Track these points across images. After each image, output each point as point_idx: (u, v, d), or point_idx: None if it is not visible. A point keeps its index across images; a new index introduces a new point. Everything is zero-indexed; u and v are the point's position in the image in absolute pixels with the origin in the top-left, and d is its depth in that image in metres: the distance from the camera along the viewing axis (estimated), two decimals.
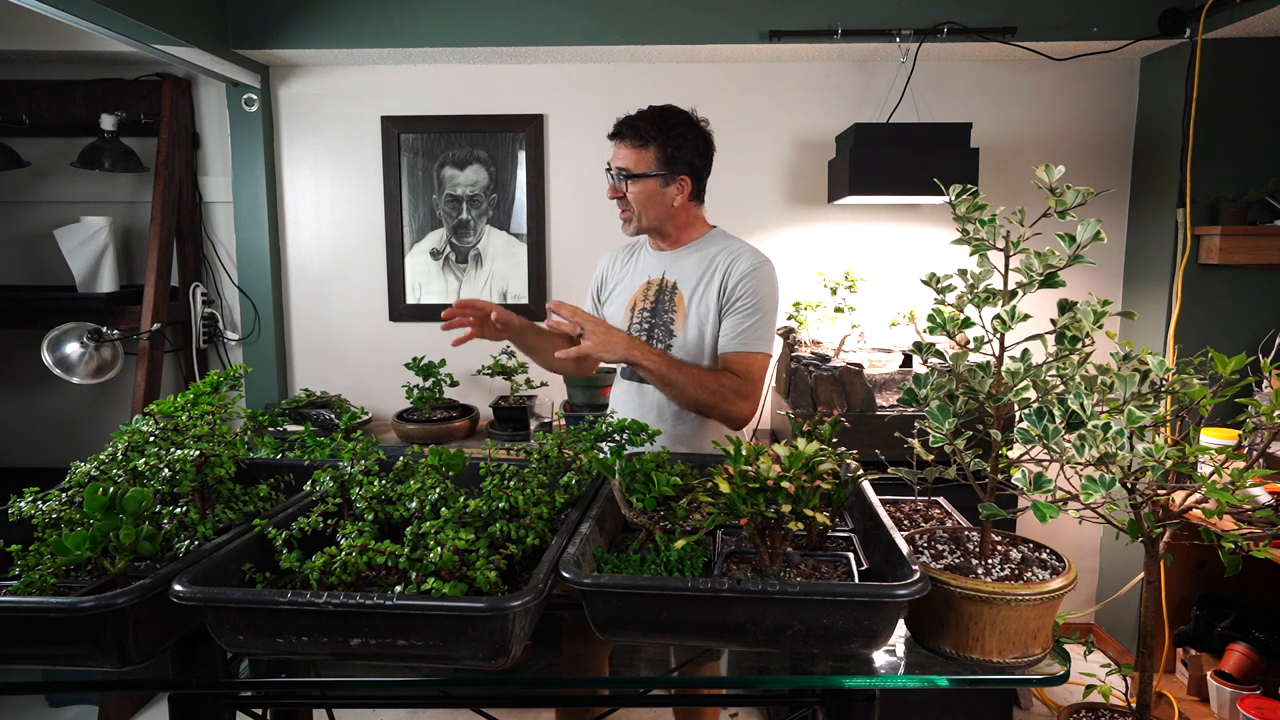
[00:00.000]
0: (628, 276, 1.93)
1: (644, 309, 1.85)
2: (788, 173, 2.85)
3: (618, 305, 1.91)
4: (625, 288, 1.91)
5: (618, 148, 1.80)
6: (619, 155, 1.79)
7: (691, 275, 1.83)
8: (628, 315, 1.87)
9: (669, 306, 1.82)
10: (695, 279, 1.82)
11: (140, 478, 1.15)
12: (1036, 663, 1.04)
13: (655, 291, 1.85)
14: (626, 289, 1.91)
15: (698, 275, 1.82)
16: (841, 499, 1.15)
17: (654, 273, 1.88)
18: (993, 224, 1.08)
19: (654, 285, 1.86)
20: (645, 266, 1.91)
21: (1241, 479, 1.00)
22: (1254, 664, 2.10)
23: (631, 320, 1.85)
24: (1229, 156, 2.52)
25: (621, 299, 1.90)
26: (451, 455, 1.24)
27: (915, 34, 2.52)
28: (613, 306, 1.93)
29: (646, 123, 1.77)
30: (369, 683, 1.42)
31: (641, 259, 1.93)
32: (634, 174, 1.77)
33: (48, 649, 0.94)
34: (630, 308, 1.87)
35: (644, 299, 1.86)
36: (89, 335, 2.59)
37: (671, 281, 1.85)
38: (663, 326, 1.83)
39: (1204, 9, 2.36)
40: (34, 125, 2.75)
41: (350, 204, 2.93)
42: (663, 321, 1.83)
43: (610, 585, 0.96)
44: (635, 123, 1.78)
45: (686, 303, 1.81)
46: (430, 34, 2.60)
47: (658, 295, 1.85)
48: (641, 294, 1.87)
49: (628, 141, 1.78)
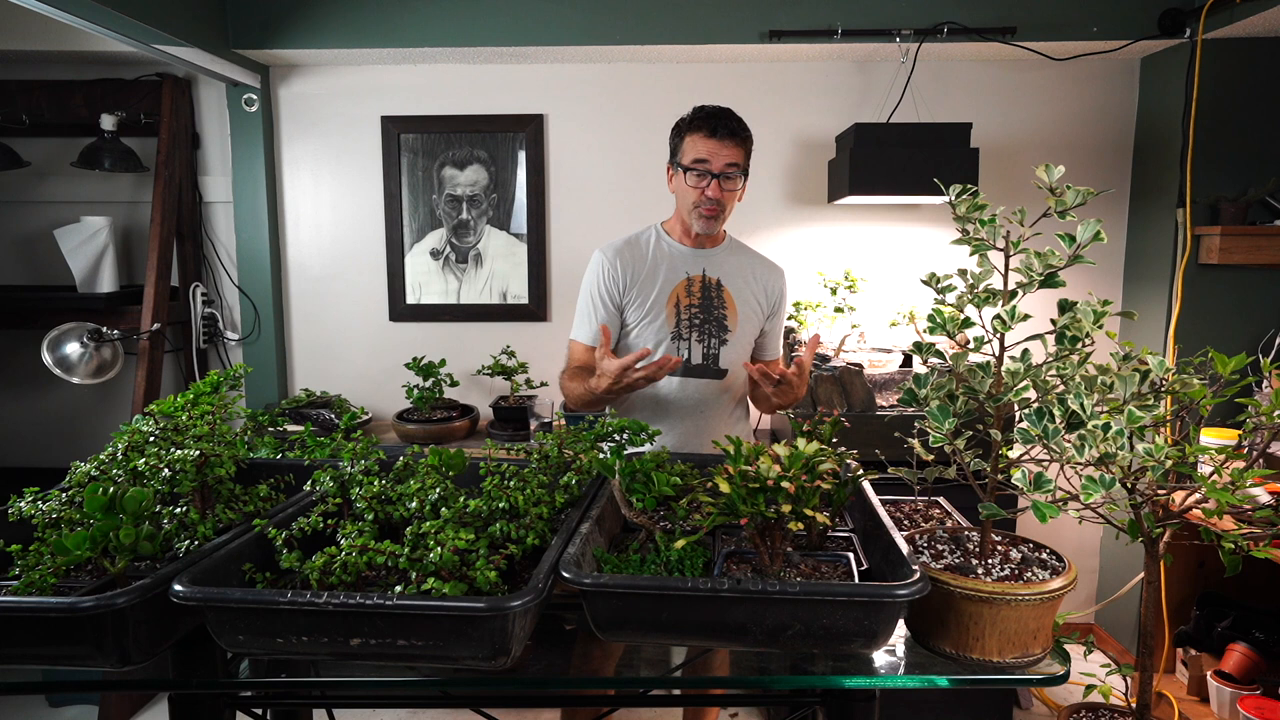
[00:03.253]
0: (655, 272, 1.88)
1: (691, 304, 1.86)
2: (788, 173, 2.85)
3: (653, 301, 1.86)
4: (659, 283, 1.87)
5: (721, 145, 1.77)
6: (728, 153, 1.77)
7: (736, 275, 1.90)
8: (672, 310, 1.86)
9: (719, 303, 1.87)
10: (741, 279, 1.90)
11: (140, 478, 1.15)
12: (1036, 663, 1.04)
13: (700, 287, 1.87)
14: (661, 284, 1.87)
15: (743, 277, 1.91)
16: (841, 499, 1.16)
17: (692, 269, 1.88)
18: (993, 224, 1.08)
19: (696, 281, 1.87)
20: (677, 262, 1.88)
21: (1241, 479, 1.00)
22: (1254, 664, 2.10)
23: (680, 315, 1.86)
24: (1229, 156, 2.52)
25: (657, 294, 1.86)
26: (451, 455, 1.24)
27: (915, 34, 2.52)
28: (644, 303, 1.86)
29: (739, 121, 1.80)
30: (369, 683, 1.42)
31: (666, 254, 1.89)
32: (744, 170, 1.81)
33: (48, 649, 0.94)
34: (673, 303, 1.86)
35: (687, 294, 1.86)
36: (89, 335, 2.59)
37: (715, 279, 1.88)
38: (715, 322, 1.86)
39: (1204, 9, 2.36)
40: (34, 125, 2.75)
41: (350, 204, 2.93)
42: (715, 317, 1.87)
43: (610, 585, 0.96)
44: (734, 120, 1.79)
45: (736, 300, 1.88)
46: (430, 34, 2.60)
47: (703, 291, 1.87)
48: (684, 289, 1.87)
49: (735, 139, 1.78)
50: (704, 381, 1.87)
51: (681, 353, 1.86)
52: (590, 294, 1.90)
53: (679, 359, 1.70)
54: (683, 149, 1.81)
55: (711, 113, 1.79)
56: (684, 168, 1.80)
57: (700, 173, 1.77)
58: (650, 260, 1.89)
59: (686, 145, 1.80)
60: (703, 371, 1.86)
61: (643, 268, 1.88)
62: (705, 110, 1.80)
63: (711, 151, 1.77)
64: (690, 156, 1.78)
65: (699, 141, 1.78)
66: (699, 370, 1.86)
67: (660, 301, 1.86)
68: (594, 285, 1.90)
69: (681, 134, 1.82)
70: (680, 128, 1.84)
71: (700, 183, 1.78)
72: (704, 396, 1.88)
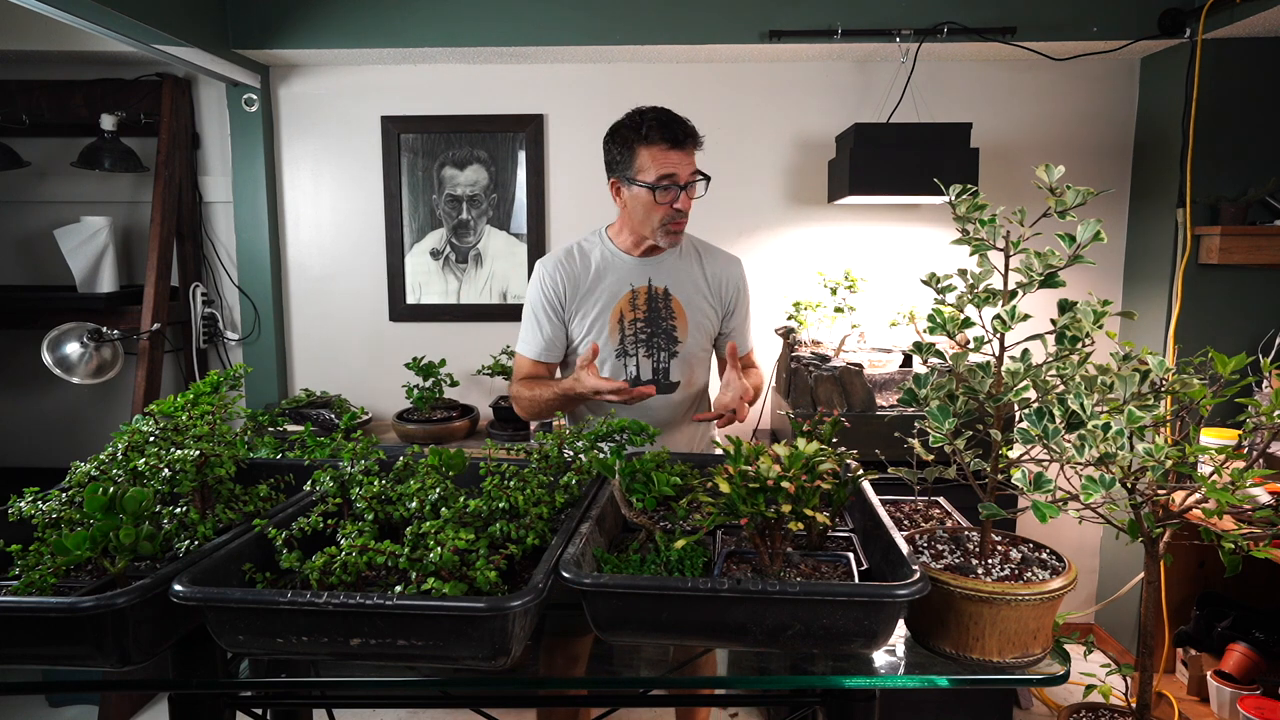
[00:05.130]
0: (597, 284, 1.79)
1: (636, 319, 1.78)
2: (788, 173, 2.85)
3: (594, 316, 1.79)
4: (600, 297, 1.78)
5: (684, 154, 1.67)
6: (690, 160, 1.68)
7: (685, 282, 1.80)
8: (616, 326, 1.78)
9: (666, 314, 1.78)
10: (691, 285, 1.81)
11: (140, 478, 1.15)
12: (1036, 663, 1.04)
13: (645, 299, 1.78)
14: (603, 299, 1.78)
15: (693, 282, 1.81)
16: (841, 499, 1.16)
17: (637, 280, 1.79)
18: (993, 224, 1.08)
19: (641, 293, 1.78)
20: (622, 274, 1.79)
21: (1241, 479, 1.00)
22: (1254, 664, 2.10)
23: (624, 331, 1.78)
24: (1229, 156, 2.52)
25: (599, 309, 1.78)
26: (451, 455, 1.24)
27: (915, 34, 2.52)
28: (588, 316, 1.79)
29: (690, 123, 1.69)
30: (369, 683, 1.42)
31: (610, 265, 1.80)
32: (704, 178, 1.71)
33: (48, 649, 0.94)
34: (617, 319, 1.78)
35: (631, 308, 1.78)
36: (89, 335, 2.59)
37: (662, 288, 1.79)
38: (664, 334, 1.79)
39: (1204, 9, 2.36)
40: (34, 125, 2.75)
41: (350, 204, 2.93)
42: (663, 329, 1.78)
43: (610, 585, 0.96)
44: (687, 122, 1.68)
45: (685, 308, 1.80)
46: (430, 34, 2.60)
47: (649, 303, 1.78)
48: (628, 303, 1.78)
49: (694, 142, 1.69)
50: (657, 397, 1.76)
51: (629, 370, 1.79)
52: (533, 307, 1.82)
53: (651, 390, 1.61)
54: (637, 163, 1.67)
55: (665, 120, 1.66)
56: (647, 185, 1.66)
57: (667, 188, 1.66)
58: (593, 272, 1.79)
59: (643, 159, 1.66)
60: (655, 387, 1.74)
61: (584, 280, 1.79)
62: (655, 117, 1.66)
63: (676, 163, 1.65)
64: (655, 172, 1.65)
65: (660, 154, 1.65)
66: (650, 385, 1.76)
67: (603, 318, 1.78)
68: (536, 299, 1.81)
69: (632, 145, 1.67)
70: (628, 139, 1.68)
71: (668, 198, 1.67)
72: (658, 412, 1.80)
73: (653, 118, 1.67)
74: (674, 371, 1.82)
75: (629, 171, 1.70)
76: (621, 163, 1.71)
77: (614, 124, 1.73)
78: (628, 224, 1.79)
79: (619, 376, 1.78)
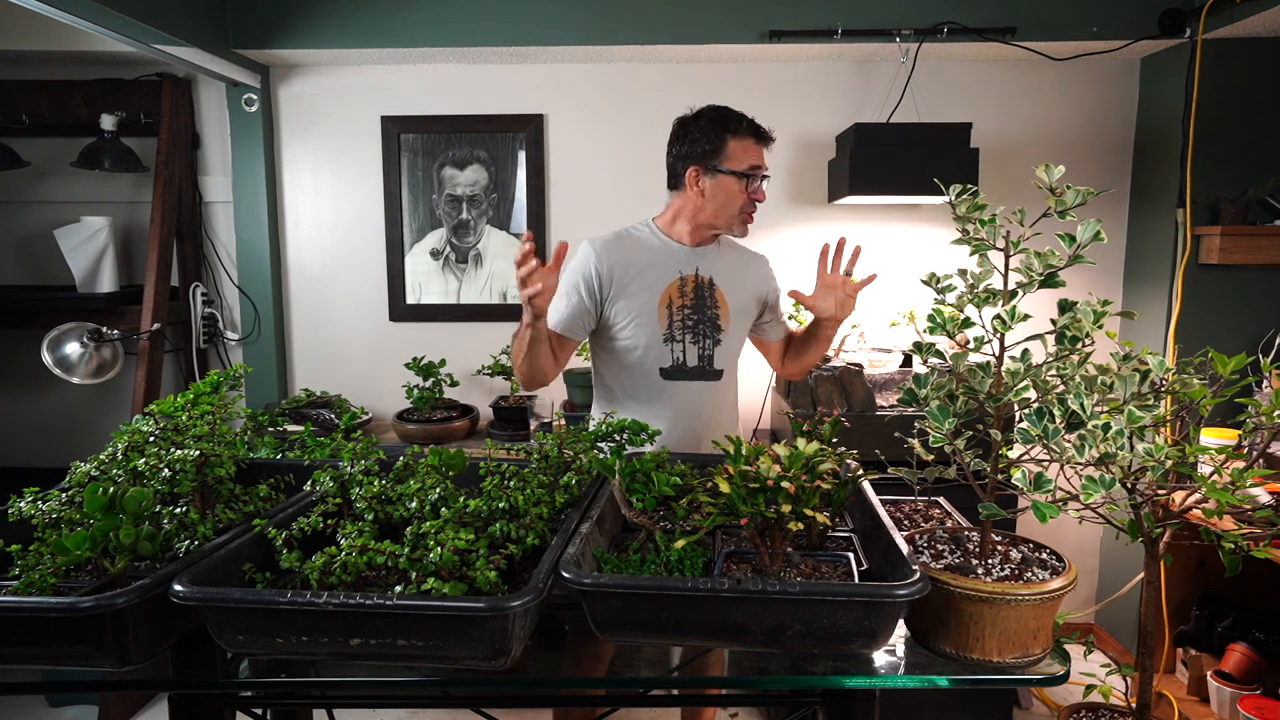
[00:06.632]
0: (646, 271, 1.81)
1: (684, 305, 1.83)
2: (788, 173, 2.85)
3: (643, 300, 1.80)
4: (648, 282, 1.81)
5: (766, 151, 1.82)
6: (763, 156, 1.82)
7: (728, 274, 1.88)
8: (664, 311, 1.81)
9: (711, 302, 1.85)
10: (732, 278, 1.88)
11: (140, 478, 1.15)
12: (1036, 663, 1.04)
13: (693, 287, 1.84)
14: (651, 283, 1.81)
15: (734, 275, 1.89)
16: (841, 499, 1.16)
17: (685, 268, 1.84)
18: (993, 224, 1.08)
19: (689, 281, 1.84)
20: (672, 261, 1.84)
21: (1241, 479, 1.00)
22: (1254, 664, 2.10)
23: (672, 316, 1.82)
24: (1229, 156, 2.51)
25: (648, 294, 1.81)
26: (451, 455, 1.24)
27: (915, 34, 2.52)
28: (634, 301, 1.80)
29: None
30: (369, 683, 1.42)
31: (660, 253, 1.84)
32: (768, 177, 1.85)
33: (48, 649, 0.95)
34: (665, 304, 1.82)
35: (680, 295, 1.83)
36: (89, 335, 2.59)
37: (708, 278, 1.85)
38: (709, 322, 1.84)
39: (1204, 9, 2.36)
40: (34, 125, 2.75)
41: (350, 204, 2.93)
42: (708, 317, 1.84)
43: (610, 585, 0.96)
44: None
45: (728, 299, 1.86)
46: (430, 34, 2.60)
47: (696, 291, 1.84)
48: (677, 290, 1.83)
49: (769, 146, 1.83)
50: (700, 383, 1.85)
51: (676, 356, 1.83)
52: (571, 280, 1.81)
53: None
54: (729, 152, 1.76)
55: (748, 118, 1.80)
56: (737, 173, 1.77)
57: (753, 178, 1.79)
58: (643, 259, 1.83)
59: (736, 149, 1.76)
60: (699, 374, 1.84)
61: (633, 266, 1.82)
62: (739, 114, 1.80)
63: (759, 157, 1.80)
64: (746, 162, 1.77)
65: (751, 147, 1.78)
66: (695, 372, 1.84)
67: (652, 303, 1.81)
68: (578, 274, 1.81)
69: (722, 136, 1.77)
70: (717, 130, 1.77)
71: (752, 188, 1.79)
72: (700, 398, 1.86)
73: (736, 113, 1.80)
74: (718, 359, 1.86)
75: (715, 160, 1.77)
76: (709, 152, 1.78)
77: (691, 116, 1.83)
78: (698, 213, 1.82)
79: (665, 362, 1.83)
